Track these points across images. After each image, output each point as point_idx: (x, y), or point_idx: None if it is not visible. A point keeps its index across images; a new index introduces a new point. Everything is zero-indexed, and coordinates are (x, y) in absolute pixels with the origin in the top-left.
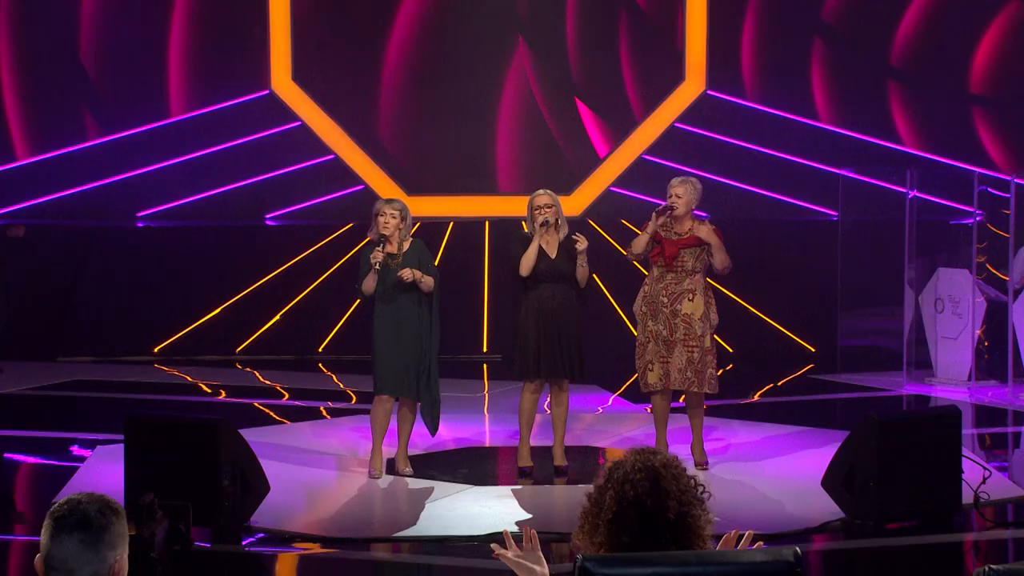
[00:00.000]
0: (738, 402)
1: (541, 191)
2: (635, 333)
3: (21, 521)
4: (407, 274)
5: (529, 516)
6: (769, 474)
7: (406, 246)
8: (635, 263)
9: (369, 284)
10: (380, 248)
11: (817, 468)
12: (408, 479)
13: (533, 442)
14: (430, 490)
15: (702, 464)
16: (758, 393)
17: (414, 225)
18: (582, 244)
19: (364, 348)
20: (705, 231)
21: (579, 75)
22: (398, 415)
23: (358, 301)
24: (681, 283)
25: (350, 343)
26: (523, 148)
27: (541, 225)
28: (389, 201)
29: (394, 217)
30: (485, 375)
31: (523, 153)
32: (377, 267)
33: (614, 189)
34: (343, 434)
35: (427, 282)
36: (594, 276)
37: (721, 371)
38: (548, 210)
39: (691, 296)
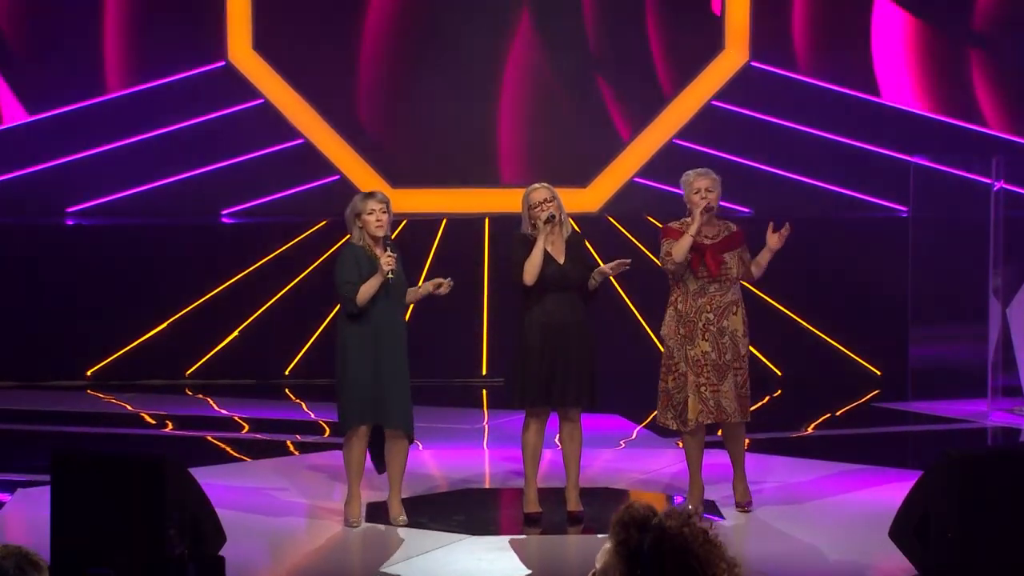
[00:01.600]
0: (788, 435)
1: (537, 185)
2: (663, 353)
3: None
4: (446, 287)
5: (537, 572)
6: (825, 521)
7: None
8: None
9: (369, 293)
10: (391, 253)
11: (884, 514)
12: (392, 528)
13: (541, 483)
14: (419, 540)
15: (744, 505)
16: (812, 424)
17: (399, 223)
18: (615, 267)
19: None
20: (739, 235)
21: (597, 44)
22: (391, 451)
23: (331, 315)
24: (726, 294)
25: (323, 365)
26: (530, 132)
27: (546, 223)
28: (371, 195)
29: (385, 212)
30: (484, 402)
31: (530, 138)
32: (391, 276)
33: (639, 180)
34: (314, 473)
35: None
36: (614, 283)
37: (768, 398)
38: (549, 205)
39: (735, 309)
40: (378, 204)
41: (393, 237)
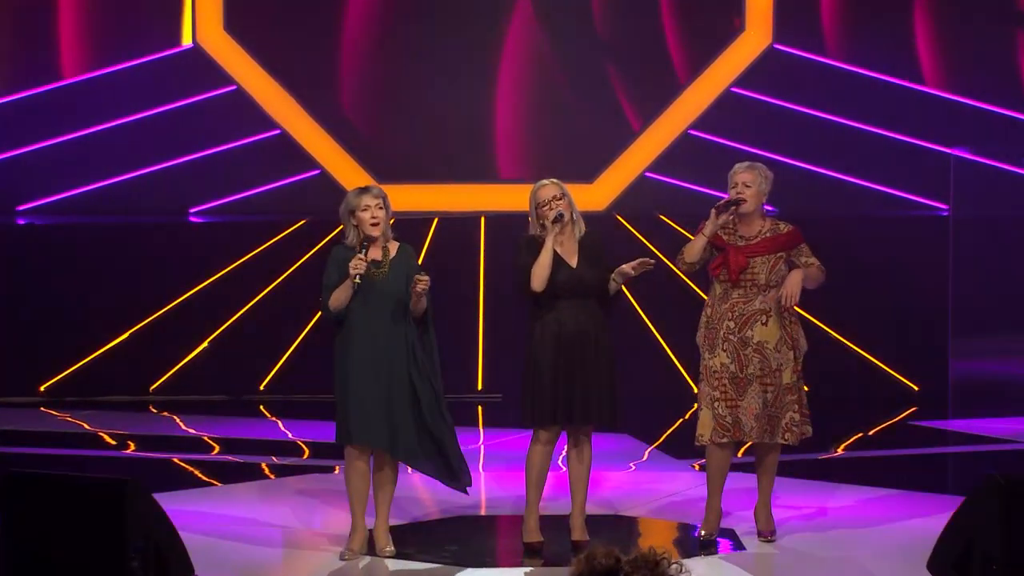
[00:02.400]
0: (816, 456)
1: (545, 181)
2: (680, 368)
3: None
4: (425, 283)
5: None
6: (857, 551)
7: (393, 250)
8: (685, 277)
9: (340, 300)
10: (362, 254)
11: (922, 544)
12: (377, 560)
13: (543, 510)
14: (408, 573)
15: (766, 534)
16: (843, 445)
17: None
18: (638, 266)
19: (319, 385)
20: (786, 238)
21: (605, 24)
22: (374, 477)
23: (311, 324)
24: (751, 302)
25: (301, 379)
26: (531, 122)
27: (554, 222)
28: (366, 190)
29: (380, 209)
30: (480, 420)
31: (531, 128)
32: (357, 280)
33: (651, 175)
34: (292, 499)
35: (424, 303)
36: (624, 290)
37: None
38: (559, 203)
39: (764, 319)
40: (373, 200)
41: (372, 237)
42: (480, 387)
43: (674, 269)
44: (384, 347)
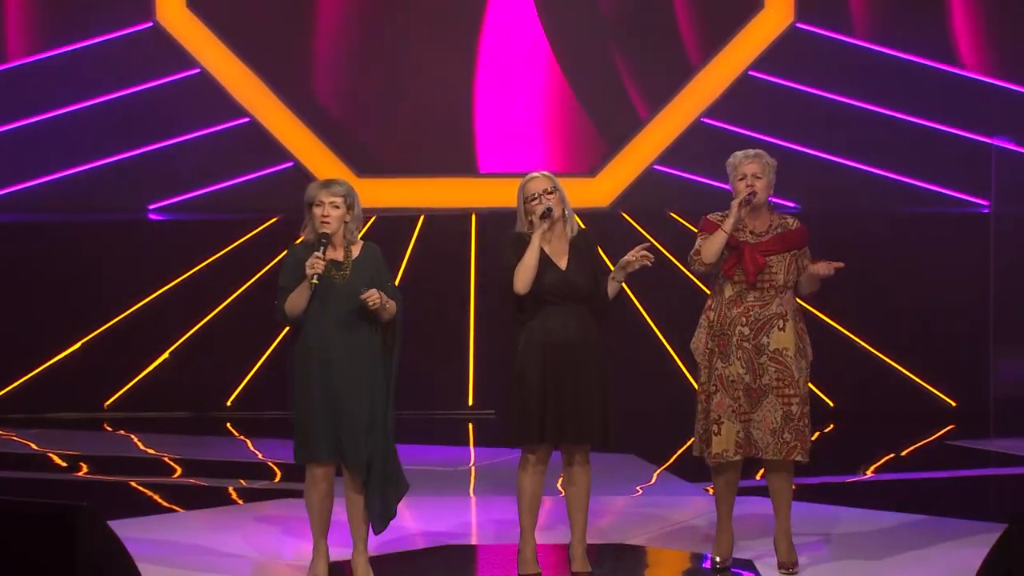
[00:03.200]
0: (843, 480)
1: (535, 173)
2: (691, 380)
3: None
4: (375, 298)
5: None
6: None
7: (355, 251)
8: (695, 279)
9: (297, 303)
10: (320, 253)
11: None
12: None
13: (541, 538)
14: None
15: (788, 566)
16: (872, 467)
17: (367, 220)
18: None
19: (292, 401)
20: (798, 235)
21: (610, 2)
22: (347, 499)
23: (284, 332)
24: (768, 305)
25: (272, 394)
26: (527, 110)
27: (542, 218)
28: (326, 184)
29: (336, 207)
30: (471, 439)
31: (527, 118)
32: (315, 281)
33: (660, 168)
34: (261, 527)
35: (391, 308)
36: (628, 292)
37: (818, 434)
38: (548, 197)
39: (782, 323)
40: (328, 196)
41: (330, 236)
42: (471, 403)
43: (683, 270)
44: (343, 355)
